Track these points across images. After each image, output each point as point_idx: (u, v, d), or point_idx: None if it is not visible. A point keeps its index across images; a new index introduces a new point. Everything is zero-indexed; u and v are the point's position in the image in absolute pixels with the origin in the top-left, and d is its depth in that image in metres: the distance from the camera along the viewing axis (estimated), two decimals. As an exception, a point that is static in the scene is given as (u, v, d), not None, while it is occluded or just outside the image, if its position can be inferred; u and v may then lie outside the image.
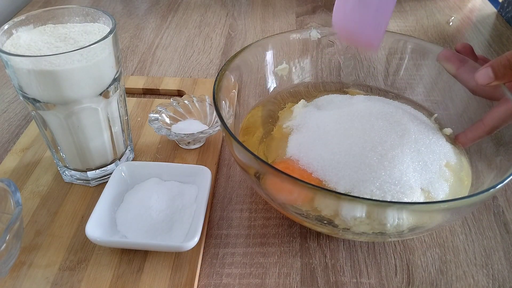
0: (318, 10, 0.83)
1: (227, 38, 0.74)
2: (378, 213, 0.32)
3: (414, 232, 0.34)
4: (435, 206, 0.31)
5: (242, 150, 0.33)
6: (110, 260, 0.37)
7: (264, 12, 0.82)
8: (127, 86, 0.59)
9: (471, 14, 0.82)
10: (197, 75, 0.64)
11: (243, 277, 0.38)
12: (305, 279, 0.37)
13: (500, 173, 0.36)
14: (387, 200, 0.35)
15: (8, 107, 0.57)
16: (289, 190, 0.34)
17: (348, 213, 0.33)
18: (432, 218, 0.34)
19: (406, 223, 0.33)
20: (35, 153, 0.48)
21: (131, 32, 0.75)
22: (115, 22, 0.39)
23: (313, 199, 0.34)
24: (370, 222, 0.33)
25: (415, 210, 0.31)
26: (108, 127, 0.42)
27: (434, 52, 0.47)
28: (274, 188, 0.36)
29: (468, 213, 0.42)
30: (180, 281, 0.36)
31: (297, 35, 0.50)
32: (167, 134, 0.46)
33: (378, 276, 0.38)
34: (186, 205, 0.40)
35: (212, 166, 0.46)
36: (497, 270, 0.39)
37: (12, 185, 0.36)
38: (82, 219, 0.41)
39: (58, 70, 0.35)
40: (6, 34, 0.38)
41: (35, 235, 0.39)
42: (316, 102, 0.48)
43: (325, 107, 0.46)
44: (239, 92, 0.45)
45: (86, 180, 0.44)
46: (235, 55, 0.44)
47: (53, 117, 0.39)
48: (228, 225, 0.42)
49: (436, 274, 0.38)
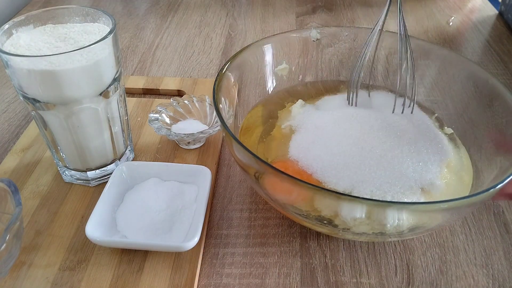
0: (318, 10, 0.83)
1: (227, 38, 0.74)
2: (377, 213, 0.32)
3: (414, 232, 0.34)
4: (435, 206, 0.31)
5: (242, 150, 0.33)
6: (110, 260, 0.37)
7: (264, 12, 0.82)
8: (127, 86, 0.59)
9: (471, 14, 0.82)
10: (197, 75, 0.64)
11: (243, 277, 0.38)
12: (305, 279, 0.37)
13: (500, 173, 0.36)
14: (387, 200, 0.35)
15: (8, 107, 0.57)
16: (289, 190, 0.34)
17: (348, 213, 0.33)
18: (432, 218, 0.34)
19: (406, 223, 0.33)
20: (35, 153, 0.48)
21: (131, 32, 0.75)
22: (115, 22, 0.39)
23: (312, 199, 0.34)
24: (370, 223, 0.33)
25: (415, 210, 0.31)
26: (108, 127, 0.42)
27: (434, 52, 0.47)
28: (274, 188, 0.36)
29: (468, 213, 0.42)
30: (180, 281, 0.36)
31: (297, 35, 0.50)
32: (167, 134, 0.46)
33: (378, 276, 0.38)
34: (186, 205, 0.40)
35: (212, 166, 0.46)
36: (497, 270, 0.39)
37: (12, 185, 0.36)
38: (82, 219, 0.41)
39: (58, 70, 0.35)
40: (6, 34, 0.38)
41: (35, 235, 0.39)
42: (316, 102, 0.48)
43: (323, 107, 0.46)
44: (239, 92, 0.46)
45: (86, 180, 0.44)
46: (235, 55, 0.44)
47: (53, 117, 0.39)
48: (228, 225, 0.42)
49: (436, 274, 0.38)
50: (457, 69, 0.45)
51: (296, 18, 0.80)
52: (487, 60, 0.68)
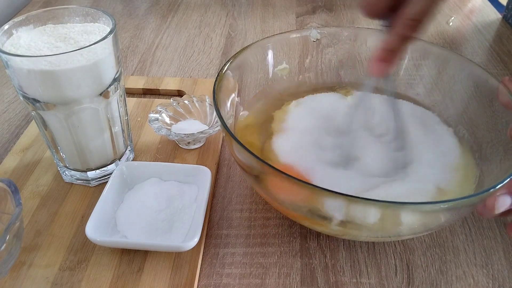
0: (318, 10, 0.83)
1: (227, 38, 0.74)
2: (389, 215, 0.32)
3: (414, 232, 0.34)
4: (435, 206, 0.31)
5: (242, 150, 0.33)
6: (110, 260, 0.37)
7: (264, 12, 0.82)
8: (127, 86, 0.59)
9: (471, 14, 0.82)
10: (197, 75, 0.64)
11: (243, 277, 0.38)
12: (305, 279, 0.37)
13: (501, 173, 0.36)
14: (386, 200, 0.35)
15: (8, 107, 0.57)
16: (290, 190, 0.34)
17: (357, 214, 0.33)
18: (433, 218, 0.34)
19: (410, 224, 0.33)
20: (35, 153, 0.48)
21: (131, 32, 0.75)
22: (115, 22, 0.39)
23: (314, 199, 0.34)
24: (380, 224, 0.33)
25: (415, 210, 0.31)
26: (108, 127, 0.42)
27: (434, 53, 0.47)
28: (275, 188, 0.36)
29: (468, 213, 0.42)
30: (180, 281, 0.36)
31: (297, 35, 0.50)
32: (167, 134, 0.46)
33: (378, 276, 0.38)
34: (186, 205, 0.40)
35: (212, 166, 0.46)
36: (497, 270, 0.39)
37: (12, 185, 0.36)
38: (82, 219, 0.41)
39: (58, 70, 0.35)
40: (6, 34, 0.38)
41: (35, 235, 0.39)
42: (308, 102, 0.48)
43: (317, 108, 0.46)
44: (239, 92, 0.45)
45: (86, 180, 0.44)
46: (235, 55, 0.44)
47: (53, 117, 0.39)
48: (228, 225, 0.42)
49: (436, 274, 0.38)
50: (457, 69, 0.45)
51: (296, 18, 0.80)
52: (487, 60, 0.68)
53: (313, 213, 0.35)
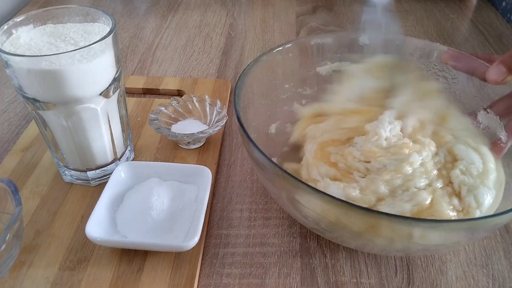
0: (318, 10, 0.83)
1: (227, 38, 0.74)
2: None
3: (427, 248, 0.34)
4: (459, 224, 0.30)
5: (286, 176, 0.31)
6: (110, 260, 0.37)
7: (264, 12, 0.82)
8: (127, 86, 0.59)
9: (471, 14, 0.82)
10: (197, 75, 0.64)
11: (243, 277, 0.38)
12: (305, 279, 0.37)
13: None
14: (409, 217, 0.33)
15: (8, 107, 0.57)
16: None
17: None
18: (452, 236, 0.33)
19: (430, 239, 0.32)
20: (35, 153, 0.48)
21: (131, 32, 0.75)
22: (115, 22, 0.39)
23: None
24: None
25: (438, 228, 0.30)
26: (108, 127, 0.42)
27: (434, 53, 0.47)
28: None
29: (488, 233, 0.41)
30: (180, 281, 0.36)
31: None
32: (167, 134, 0.46)
33: (378, 276, 0.38)
34: (186, 205, 0.40)
35: (212, 166, 0.46)
36: (497, 270, 0.39)
37: (12, 185, 0.36)
38: (82, 219, 0.41)
39: (58, 70, 0.35)
40: (6, 34, 0.38)
41: (35, 235, 0.39)
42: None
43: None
44: (253, 103, 0.44)
45: (86, 180, 0.44)
46: (248, 66, 0.42)
47: (53, 117, 0.39)
48: (228, 225, 0.42)
49: (436, 274, 0.38)
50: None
51: (296, 18, 0.80)
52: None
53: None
